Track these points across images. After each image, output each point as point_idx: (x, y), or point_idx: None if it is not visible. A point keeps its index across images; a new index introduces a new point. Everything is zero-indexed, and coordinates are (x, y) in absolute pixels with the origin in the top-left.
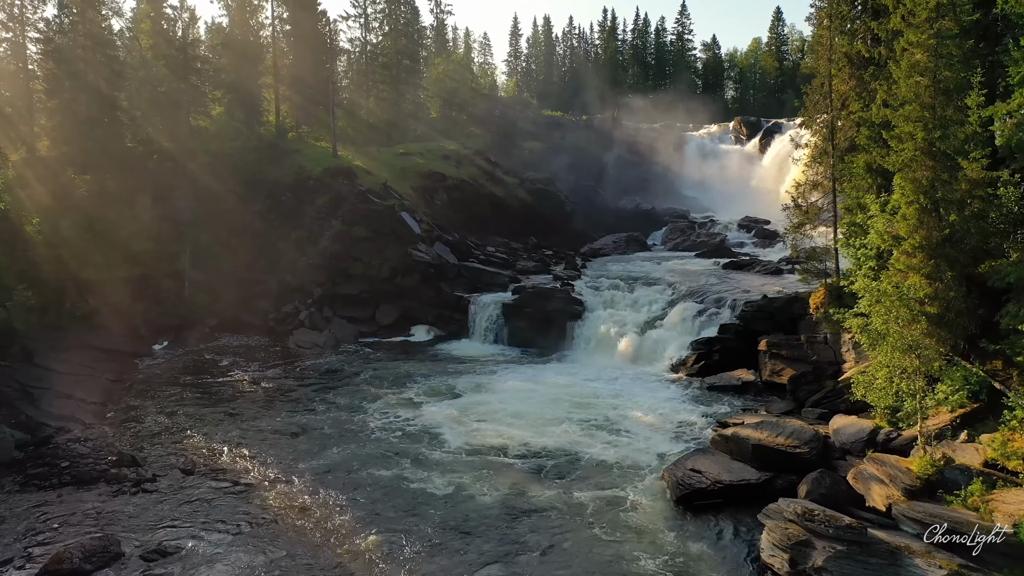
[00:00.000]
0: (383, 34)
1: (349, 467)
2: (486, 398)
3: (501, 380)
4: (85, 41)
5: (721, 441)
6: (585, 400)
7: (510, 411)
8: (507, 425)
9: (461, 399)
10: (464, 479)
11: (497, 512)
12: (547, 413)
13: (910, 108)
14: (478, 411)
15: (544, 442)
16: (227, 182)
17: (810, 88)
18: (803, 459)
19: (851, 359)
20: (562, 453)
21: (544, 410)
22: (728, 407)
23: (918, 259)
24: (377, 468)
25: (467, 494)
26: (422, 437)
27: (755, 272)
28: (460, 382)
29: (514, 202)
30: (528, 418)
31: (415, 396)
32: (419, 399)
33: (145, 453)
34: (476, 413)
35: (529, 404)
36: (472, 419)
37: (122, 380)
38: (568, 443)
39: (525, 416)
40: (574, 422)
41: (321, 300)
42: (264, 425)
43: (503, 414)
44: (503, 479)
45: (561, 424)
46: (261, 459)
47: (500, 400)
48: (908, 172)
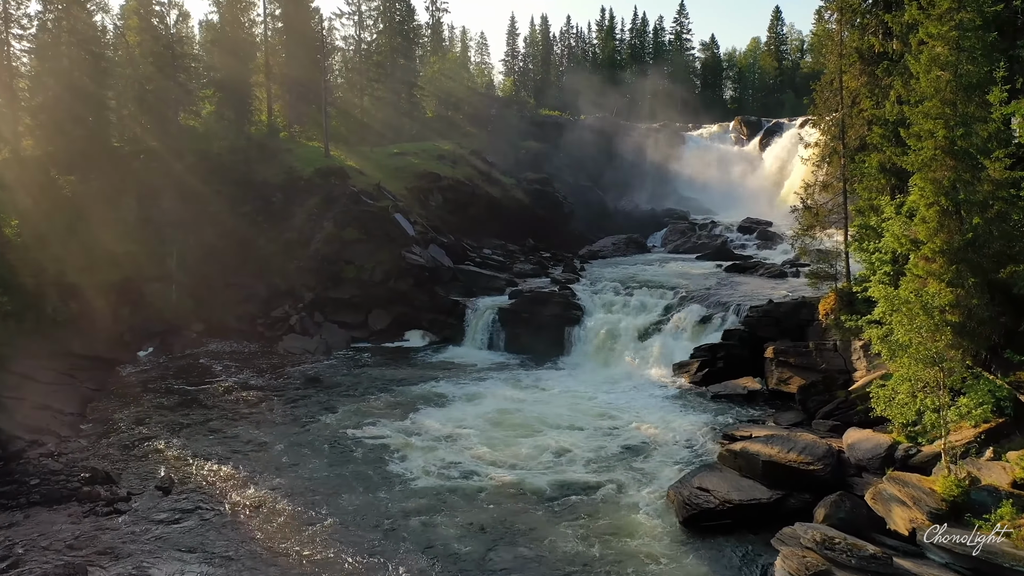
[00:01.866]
0: (378, 32)
1: (334, 487)
2: (480, 409)
3: (496, 389)
4: (70, 38)
5: (729, 457)
6: (584, 410)
7: (505, 422)
8: (501, 438)
9: (454, 410)
10: (456, 498)
11: (489, 533)
12: (544, 424)
13: (930, 104)
14: (471, 423)
15: (540, 456)
16: (215, 182)
17: (819, 84)
18: (817, 477)
19: (862, 367)
20: (559, 468)
21: (541, 421)
22: (734, 417)
23: (938, 264)
24: (364, 487)
25: (457, 514)
26: (412, 452)
27: (758, 275)
28: (453, 391)
29: (511, 203)
30: (523, 430)
31: (406, 407)
32: (410, 410)
33: (121, 469)
34: (469, 425)
35: (525, 415)
36: (465, 432)
37: (103, 389)
38: (566, 458)
39: (520, 428)
40: (572, 434)
41: (312, 304)
42: (248, 438)
43: (497, 426)
44: (496, 496)
45: (559, 436)
46: (242, 476)
47: (495, 411)
48: (928, 172)
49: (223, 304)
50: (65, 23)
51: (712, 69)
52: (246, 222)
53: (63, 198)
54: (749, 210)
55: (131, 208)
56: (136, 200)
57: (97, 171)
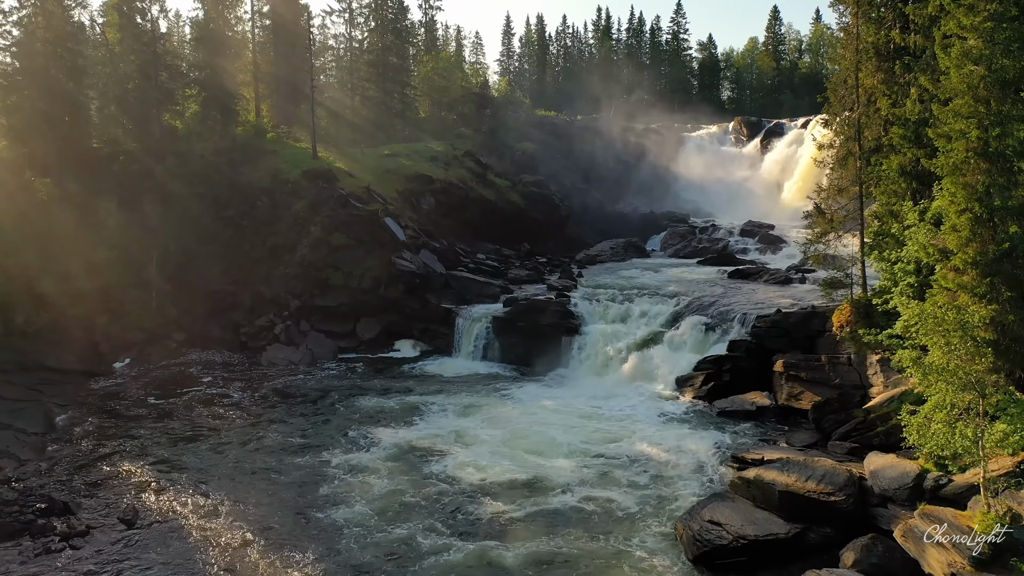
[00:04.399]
0: (369, 30)
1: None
2: (470, 426)
3: (489, 404)
4: (45, 34)
5: (742, 485)
6: (582, 429)
7: (496, 443)
8: (491, 461)
9: (443, 428)
10: (441, 529)
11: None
12: (538, 445)
13: (961, 102)
14: (460, 442)
15: (533, 482)
16: (198, 185)
17: (832, 82)
18: (838, 508)
19: (879, 383)
20: (555, 496)
21: (535, 442)
22: (743, 437)
23: (970, 277)
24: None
25: (445, 548)
26: (398, 475)
27: (763, 281)
28: (443, 407)
29: (506, 206)
30: (516, 452)
31: (392, 425)
32: (397, 428)
33: (82, 498)
34: (458, 444)
35: (518, 435)
36: (453, 453)
37: (72, 405)
38: (562, 483)
39: (513, 450)
40: (569, 456)
41: (298, 313)
42: (223, 460)
43: (487, 447)
44: (484, 529)
45: (554, 459)
46: (213, 506)
47: (485, 429)
48: (959, 176)
49: (205, 312)
50: (40, 19)
51: (709, 69)
52: (230, 226)
53: (38, 201)
54: (750, 213)
55: (110, 212)
56: (115, 204)
57: (74, 173)
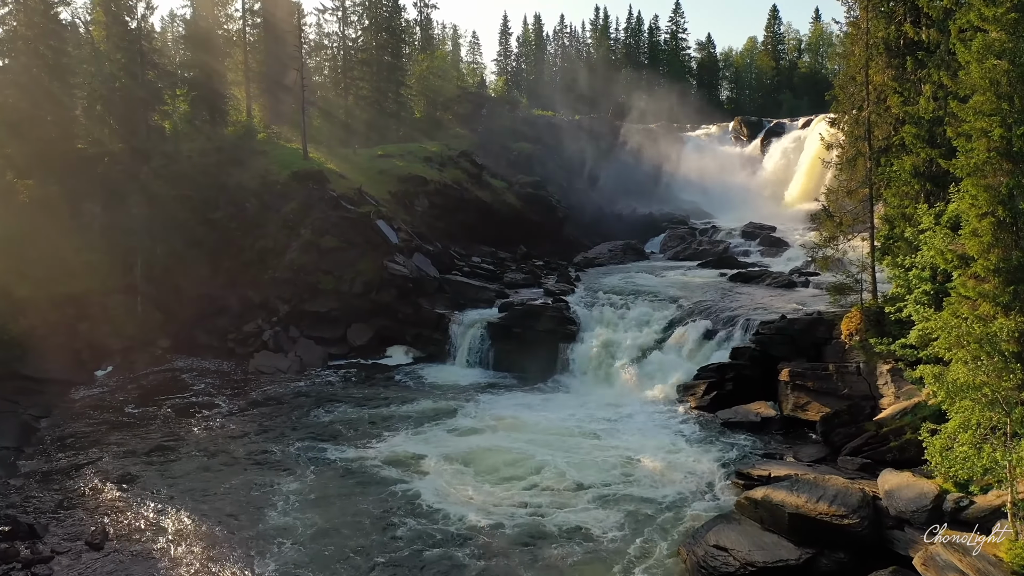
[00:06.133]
0: (363, 28)
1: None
2: (461, 439)
3: (482, 415)
4: (27, 32)
5: (749, 506)
6: (578, 441)
7: (488, 455)
8: (482, 475)
9: (432, 441)
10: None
11: None
12: (534, 460)
13: (982, 99)
14: (449, 457)
15: (528, 500)
16: (185, 187)
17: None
18: (852, 532)
19: (890, 394)
20: (549, 514)
21: (530, 456)
22: (747, 450)
23: (992, 285)
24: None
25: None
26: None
27: (765, 285)
28: (433, 417)
29: (502, 207)
30: (510, 467)
31: (378, 439)
32: (382, 443)
33: (50, 519)
34: (447, 460)
35: (511, 446)
36: (441, 470)
37: (48, 416)
38: (557, 501)
39: (507, 465)
40: (565, 471)
41: (287, 318)
42: (199, 477)
43: (478, 460)
44: (475, 552)
45: (549, 474)
46: (188, 528)
47: (478, 444)
48: (980, 178)
49: (192, 318)
50: (22, 16)
51: (708, 69)
52: (217, 229)
53: (20, 204)
54: (751, 214)
55: (94, 215)
56: (100, 206)
57: (58, 175)
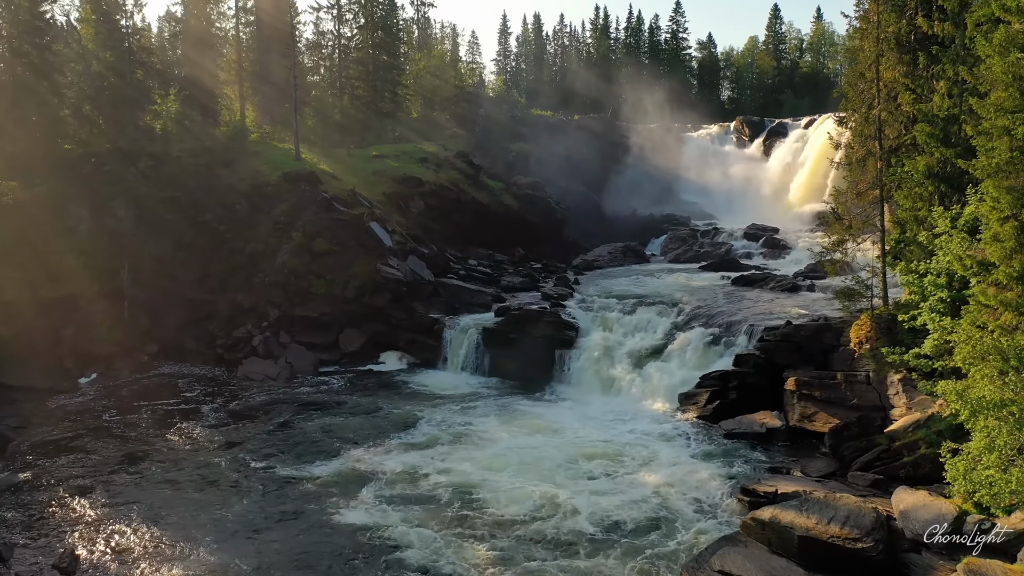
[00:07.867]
0: (358, 27)
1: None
2: (452, 450)
3: (476, 425)
4: (10, 30)
5: (756, 527)
6: (575, 453)
7: (480, 473)
8: (475, 492)
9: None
10: None
11: None
12: (526, 471)
13: (1004, 95)
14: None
15: (523, 517)
16: (174, 188)
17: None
18: (865, 557)
19: (901, 404)
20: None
21: (524, 469)
22: (752, 463)
23: (1015, 293)
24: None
25: None
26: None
27: (769, 289)
28: (425, 428)
29: (499, 209)
30: (502, 481)
31: (367, 452)
32: (371, 456)
33: (18, 541)
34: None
35: (504, 457)
36: (431, 483)
37: (28, 426)
38: (552, 520)
39: (499, 479)
40: (560, 485)
41: (278, 323)
42: (178, 492)
43: (471, 477)
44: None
45: (542, 487)
46: (165, 550)
47: (470, 456)
48: (1002, 179)
49: (180, 323)
50: (5, 12)
51: (709, 69)
52: (207, 232)
53: (3, 206)
54: (753, 215)
55: (81, 217)
56: (87, 208)
57: (43, 176)
